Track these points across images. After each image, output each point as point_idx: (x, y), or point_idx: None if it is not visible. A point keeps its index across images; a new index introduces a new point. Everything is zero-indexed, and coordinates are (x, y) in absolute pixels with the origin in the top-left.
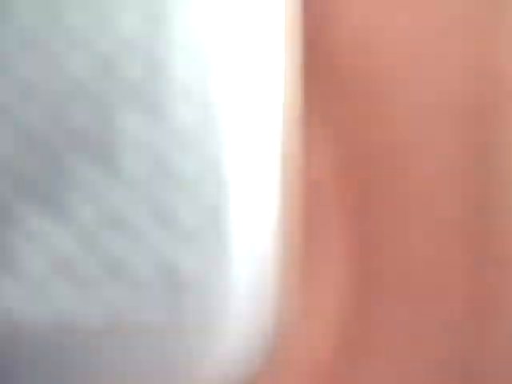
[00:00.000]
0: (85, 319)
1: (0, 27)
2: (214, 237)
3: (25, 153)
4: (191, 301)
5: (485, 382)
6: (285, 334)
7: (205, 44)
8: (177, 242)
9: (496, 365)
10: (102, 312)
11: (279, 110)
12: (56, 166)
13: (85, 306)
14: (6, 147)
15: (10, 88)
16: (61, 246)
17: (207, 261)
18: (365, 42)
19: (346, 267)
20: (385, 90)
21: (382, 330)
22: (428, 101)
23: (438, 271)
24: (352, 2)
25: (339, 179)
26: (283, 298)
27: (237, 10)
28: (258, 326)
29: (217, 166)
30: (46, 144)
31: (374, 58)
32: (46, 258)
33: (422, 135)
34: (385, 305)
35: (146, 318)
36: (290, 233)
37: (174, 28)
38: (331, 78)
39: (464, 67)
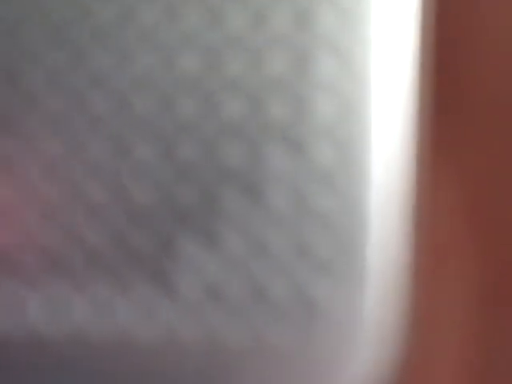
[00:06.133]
0: (230, 339)
1: (165, 72)
2: (349, 269)
3: (183, 187)
4: (325, 327)
5: None
6: (409, 364)
7: (347, 85)
8: (314, 272)
9: None
10: (246, 334)
11: (412, 148)
12: (209, 199)
13: (231, 327)
14: (168, 182)
15: (173, 125)
16: (212, 273)
17: (341, 291)
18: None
19: (476, 300)
20: None
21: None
22: None
23: None
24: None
25: (466, 220)
26: (410, 331)
27: (379, 53)
28: (384, 353)
29: (354, 203)
30: (201, 179)
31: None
32: (200, 283)
33: None
34: None
35: (284, 341)
36: (419, 269)
37: (318, 69)
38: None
39: None
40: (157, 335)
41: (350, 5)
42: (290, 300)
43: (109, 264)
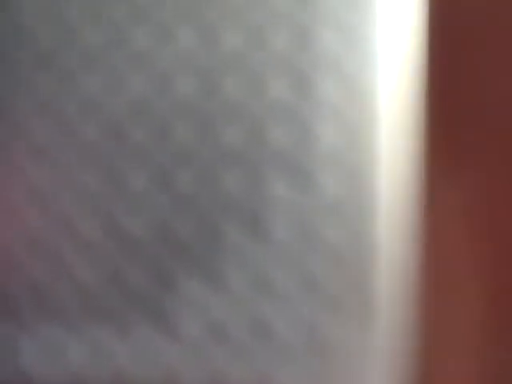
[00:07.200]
0: (235, 380)
1: (160, 97)
2: (357, 303)
3: (181, 218)
4: (334, 364)
5: None
6: None
7: (352, 111)
8: (322, 308)
9: None
10: (251, 375)
11: (420, 175)
12: (208, 230)
13: (236, 368)
14: (163, 213)
15: (167, 153)
16: (213, 309)
17: (350, 325)
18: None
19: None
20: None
21: None
22: None
23: None
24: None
25: (466, 226)
26: (421, 364)
27: (384, 76)
28: None
29: (362, 234)
30: (199, 209)
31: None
32: (201, 320)
33: None
34: None
35: (292, 381)
36: (427, 293)
37: (322, 94)
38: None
39: None
40: (158, 377)
41: (354, 25)
42: (297, 338)
43: (106, 304)
